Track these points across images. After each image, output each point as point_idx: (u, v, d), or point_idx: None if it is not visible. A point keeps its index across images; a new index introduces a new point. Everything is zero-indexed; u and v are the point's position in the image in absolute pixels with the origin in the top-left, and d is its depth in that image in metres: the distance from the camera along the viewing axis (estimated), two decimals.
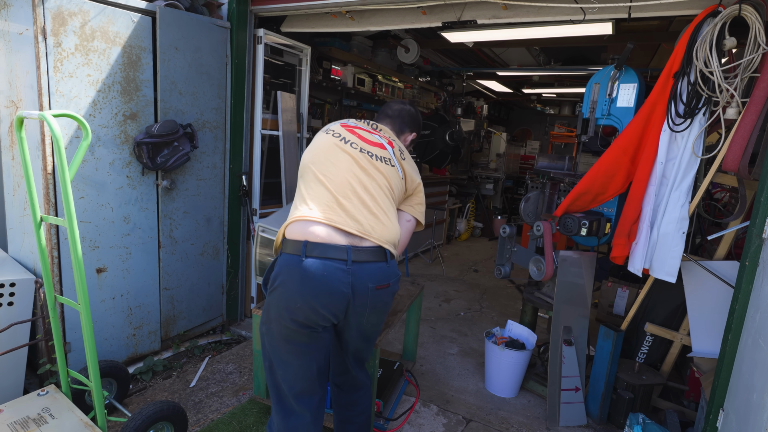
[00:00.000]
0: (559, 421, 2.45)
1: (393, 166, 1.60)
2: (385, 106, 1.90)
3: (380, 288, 1.47)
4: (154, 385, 2.56)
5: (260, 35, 3.07)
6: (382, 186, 1.53)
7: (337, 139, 1.58)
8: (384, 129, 1.77)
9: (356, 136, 1.61)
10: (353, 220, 1.44)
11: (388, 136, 1.73)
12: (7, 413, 1.74)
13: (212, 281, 3.08)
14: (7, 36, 2.25)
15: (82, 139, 1.62)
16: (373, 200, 1.49)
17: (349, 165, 1.52)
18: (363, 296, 1.44)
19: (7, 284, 2.10)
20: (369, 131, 1.67)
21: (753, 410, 1.40)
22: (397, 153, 1.66)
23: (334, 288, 1.39)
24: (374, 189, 1.51)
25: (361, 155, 1.55)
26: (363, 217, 1.45)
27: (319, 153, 1.56)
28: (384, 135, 1.71)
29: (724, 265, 2.21)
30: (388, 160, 1.60)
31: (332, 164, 1.52)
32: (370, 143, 1.61)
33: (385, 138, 1.69)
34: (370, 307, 1.49)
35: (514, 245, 2.67)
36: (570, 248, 2.63)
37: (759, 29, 1.80)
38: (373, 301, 1.48)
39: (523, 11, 2.49)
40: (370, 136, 1.64)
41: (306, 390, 1.49)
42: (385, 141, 1.66)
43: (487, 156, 7.74)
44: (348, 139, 1.59)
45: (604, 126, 2.54)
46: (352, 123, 1.71)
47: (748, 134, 1.82)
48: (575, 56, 5.59)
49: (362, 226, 1.44)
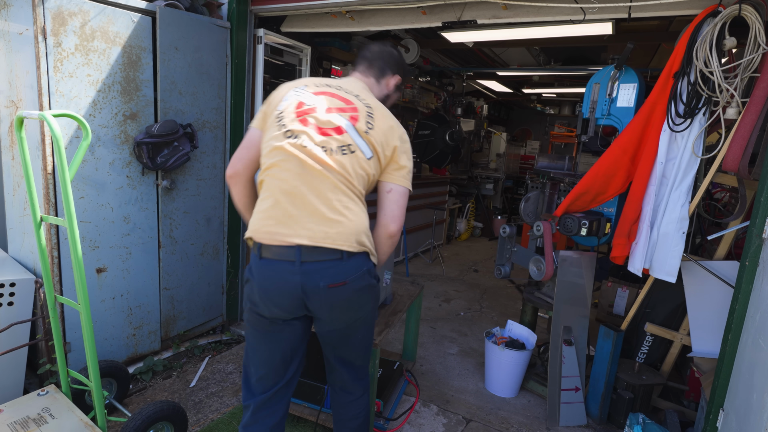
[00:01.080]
0: (559, 421, 2.45)
1: (353, 152, 1.43)
2: (364, 48, 1.72)
3: (333, 286, 1.39)
4: (154, 385, 2.56)
5: (260, 35, 3.07)
6: (339, 183, 1.41)
7: (289, 139, 1.42)
8: (350, 90, 1.56)
9: (311, 126, 1.43)
10: (304, 229, 1.37)
11: (354, 101, 1.51)
12: (7, 413, 1.74)
13: (212, 281, 3.08)
14: (7, 36, 2.25)
15: (82, 139, 1.62)
16: (327, 203, 1.39)
17: (300, 171, 1.39)
18: (316, 295, 1.40)
19: (7, 284, 2.10)
20: (329, 108, 1.47)
21: (753, 410, 1.40)
22: (362, 127, 1.46)
23: (283, 289, 1.40)
24: (329, 190, 1.39)
25: (313, 155, 1.39)
26: (315, 225, 1.38)
27: (271, 151, 1.43)
28: (349, 105, 1.49)
29: (724, 265, 2.21)
30: (347, 146, 1.43)
31: (282, 169, 1.40)
32: (326, 131, 1.43)
33: (347, 112, 1.47)
34: (329, 305, 1.43)
35: (514, 245, 2.67)
36: (570, 248, 2.63)
37: (759, 29, 1.80)
38: (331, 300, 1.41)
39: (523, 11, 2.49)
40: (328, 116, 1.45)
41: (268, 376, 1.53)
42: (347, 118, 1.46)
43: (487, 156, 7.74)
44: (299, 134, 1.42)
45: (604, 126, 2.54)
46: (309, 97, 1.49)
47: (748, 134, 1.82)
48: (575, 56, 5.59)
49: (313, 234, 1.37)
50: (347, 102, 1.50)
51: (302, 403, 2.24)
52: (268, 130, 1.48)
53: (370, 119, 1.49)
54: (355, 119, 1.47)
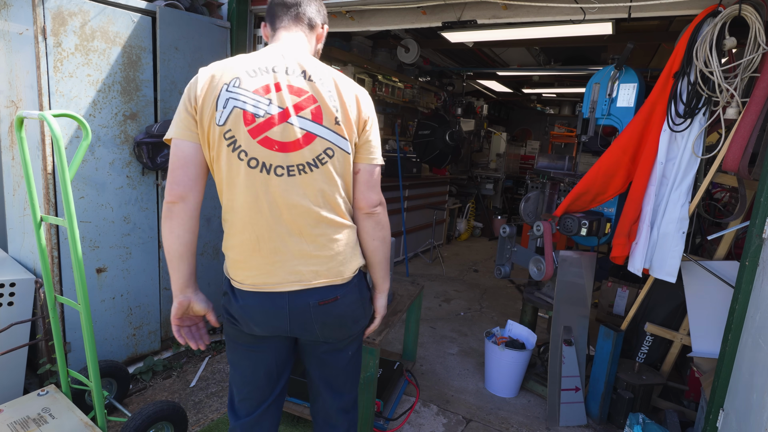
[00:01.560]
0: (559, 421, 2.45)
1: (331, 157, 1.18)
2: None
3: (324, 303, 1.24)
4: (154, 385, 2.56)
5: (260, 35, 3.07)
6: (321, 214, 1.20)
7: (254, 169, 1.15)
8: (291, 66, 1.19)
9: (275, 148, 1.14)
10: (291, 274, 1.20)
11: (305, 85, 1.17)
12: (7, 413, 1.74)
13: (212, 281, 3.08)
14: (7, 36, 2.25)
15: (82, 139, 1.62)
16: (312, 240, 1.20)
17: (274, 210, 1.17)
18: (305, 313, 1.24)
19: (7, 284, 2.10)
20: (283, 111, 1.15)
21: (753, 410, 1.39)
22: (329, 119, 1.18)
23: (269, 312, 1.23)
24: (310, 225, 1.19)
25: (286, 191, 1.16)
26: (302, 266, 1.21)
27: (236, 187, 1.17)
28: (303, 96, 1.17)
29: (724, 265, 2.21)
30: (324, 153, 1.17)
31: (253, 209, 1.17)
32: (293, 146, 1.15)
33: (307, 107, 1.16)
34: (320, 323, 1.26)
35: (514, 245, 2.67)
36: (570, 248, 2.63)
37: (759, 29, 1.80)
38: (322, 317, 1.25)
39: (523, 11, 2.49)
40: (289, 125, 1.15)
41: (251, 396, 1.35)
42: (309, 117, 1.16)
43: (487, 156, 7.75)
44: (264, 161, 1.15)
45: (604, 126, 2.54)
46: (254, 100, 1.14)
47: (748, 134, 1.82)
48: (575, 56, 5.60)
49: (302, 277, 1.21)
50: (300, 92, 1.17)
51: (302, 403, 2.24)
52: (215, 148, 1.15)
53: (332, 101, 1.19)
54: (319, 113, 1.17)
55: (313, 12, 1.34)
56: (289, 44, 1.28)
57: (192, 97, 1.16)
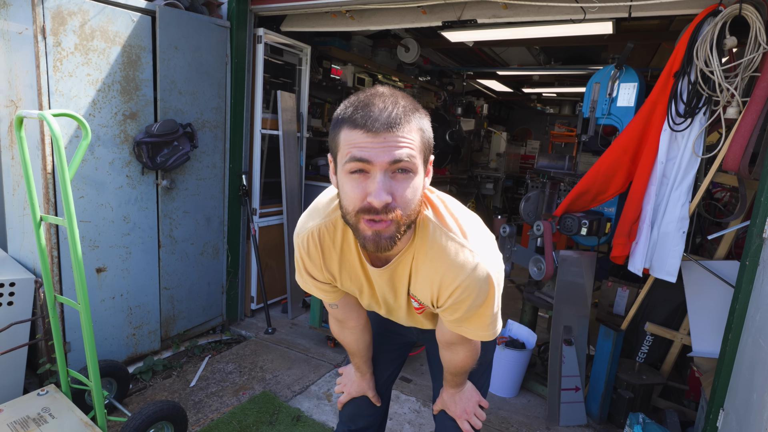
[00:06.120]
0: (559, 421, 2.45)
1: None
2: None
3: None
4: (154, 385, 2.56)
5: (260, 34, 3.07)
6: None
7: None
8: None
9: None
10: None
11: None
12: (7, 413, 1.74)
13: (212, 281, 3.08)
14: (6, 35, 2.24)
15: (82, 138, 1.62)
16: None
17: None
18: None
19: (6, 284, 2.10)
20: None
21: (753, 410, 1.39)
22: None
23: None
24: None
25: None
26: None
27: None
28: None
29: (725, 264, 2.21)
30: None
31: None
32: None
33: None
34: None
35: (514, 245, 2.67)
36: (570, 248, 2.63)
37: (759, 28, 1.80)
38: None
39: (523, 10, 2.49)
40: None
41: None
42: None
43: (487, 156, 7.74)
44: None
45: (604, 125, 2.54)
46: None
47: (748, 134, 1.82)
48: (575, 56, 5.59)
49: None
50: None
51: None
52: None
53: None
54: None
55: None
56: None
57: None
